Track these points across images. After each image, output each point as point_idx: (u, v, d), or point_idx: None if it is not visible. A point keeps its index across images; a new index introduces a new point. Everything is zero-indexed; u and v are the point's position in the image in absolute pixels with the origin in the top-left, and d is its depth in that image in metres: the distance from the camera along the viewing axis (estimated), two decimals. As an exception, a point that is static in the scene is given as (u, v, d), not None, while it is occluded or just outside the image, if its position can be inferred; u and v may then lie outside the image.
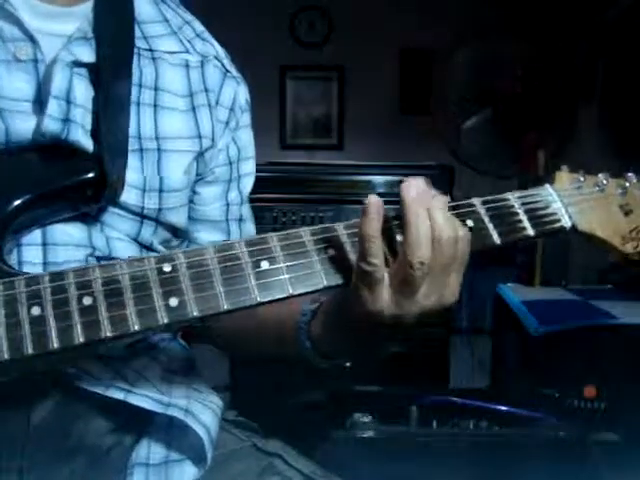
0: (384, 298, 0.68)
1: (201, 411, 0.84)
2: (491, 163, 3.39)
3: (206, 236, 0.95)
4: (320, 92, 3.88)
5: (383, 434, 1.41)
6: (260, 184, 1.01)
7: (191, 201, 0.93)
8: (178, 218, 0.89)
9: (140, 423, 0.83)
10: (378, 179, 2.50)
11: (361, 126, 3.80)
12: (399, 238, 0.69)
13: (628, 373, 1.55)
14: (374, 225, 0.66)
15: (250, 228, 1.01)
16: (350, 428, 1.40)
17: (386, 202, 0.68)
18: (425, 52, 3.78)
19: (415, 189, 0.68)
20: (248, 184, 0.99)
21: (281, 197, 2.47)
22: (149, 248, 0.88)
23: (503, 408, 1.49)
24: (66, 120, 0.77)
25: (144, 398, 0.81)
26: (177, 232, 0.92)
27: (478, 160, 3.40)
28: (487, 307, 2.12)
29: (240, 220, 0.99)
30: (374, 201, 0.67)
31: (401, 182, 0.70)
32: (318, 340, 0.78)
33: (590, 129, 3.32)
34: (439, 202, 0.68)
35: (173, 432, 0.83)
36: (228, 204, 0.97)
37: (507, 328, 1.91)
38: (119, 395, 0.80)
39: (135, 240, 0.86)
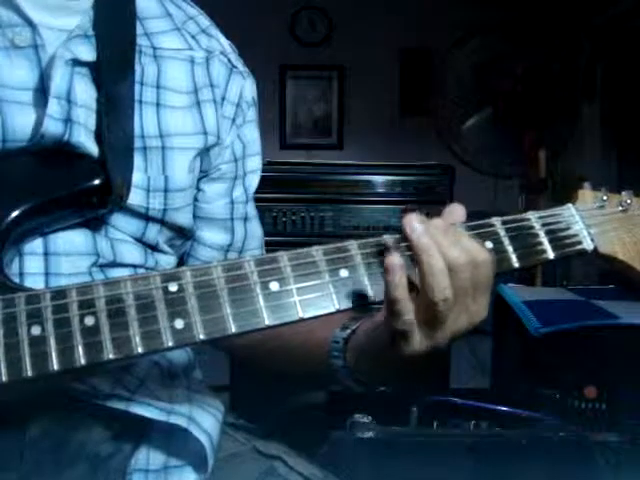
0: (417, 340, 0.67)
1: (203, 417, 0.83)
2: (491, 163, 3.39)
3: (210, 235, 0.94)
4: (320, 92, 3.88)
5: (383, 434, 1.40)
6: (260, 184, 1.00)
7: (195, 199, 0.91)
8: (184, 218, 0.88)
9: (140, 430, 0.82)
10: (378, 179, 2.50)
11: (361, 126, 3.79)
12: (414, 274, 0.67)
13: (629, 373, 1.55)
14: (402, 287, 0.65)
15: (255, 227, 1.00)
16: (350, 429, 1.40)
17: (386, 202, 0.67)
18: (425, 52, 3.78)
19: (418, 225, 0.66)
20: (253, 182, 0.97)
21: (281, 197, 2.47)
22: (154, 248, 0.87)
23: (503, 408, 1.48)
24: (67, 121, 0.75)
25: (146, 407, 0.80)
26: (183, 231, 0.90)
27: (478, 160, 3.40)
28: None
29: (245, 219, 0.97)
30: (397, 262, 0.64)
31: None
32: (354, 369, 0.77)
33: (591, 128, 3.31)
34: (447, 234, 0.67)
35: (174, 438, 0.82)
36: (233, 202, 0.95)
37: (507, 328, 1.91)
38: (120, 405, 0.78)
39: (140, 241, 0.84)
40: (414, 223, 0.66)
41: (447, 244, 0.66)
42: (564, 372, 1.59)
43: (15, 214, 0.71)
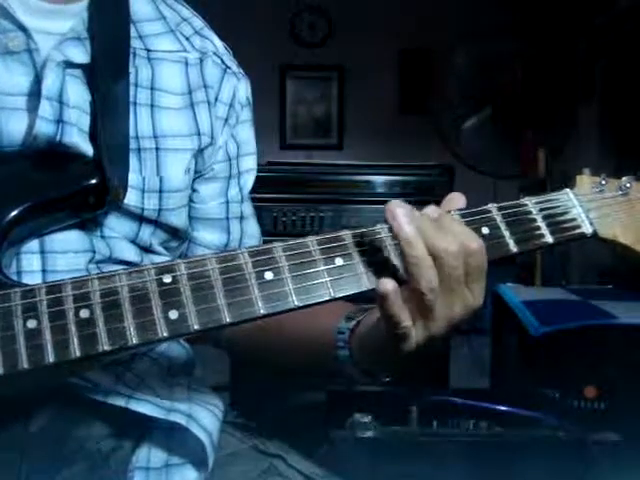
0: (414, 336, 0.67)
1: (203, 415, 0.83)
2: (491, 163, 3.39)
3: (205, 235, 0.94)
4: (320, 92, 3.88)
5: (383, 434, 1.40)
6: (260, 184, 1.00)
7: (190, 199, 0.91)
8: (179, 219, 0.88)
9: (141, 427, 0.82)
10: (378, 179, 2.50)
11: (361, 126, 3.80)
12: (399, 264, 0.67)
13: (628, 373, 1.55)
14: (396, 305, 0.65)
15: (252, 226, 1.00)
16: (350, 428, 1.40)
17: (386, 202, 0.67)
18: (425, 52, 3.78)
19: (401, 214, 0.65)
20: (249, 181, 0.97)
21: (281, 197, 2.47)
22: (148, 249, 0.87)
23: (503, 408, 1.49)
24: (59, 121, 0.75)
25: (146, 404, 0.80)
26: (177, 233, 0.90)
27: (478, 160, 3.40)
28: (487, 307, 2.12)
29: (241, 218, 0.97)
30: (390, 287, 0.64)
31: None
32: (359, 360, 0.76)
33: (590, 128, 3.31)
34: (436, 222, 0.66)
35: (174, 436, 0.82)
36: (228, 201, 0.95)
37: (507, 328, 1.91)
38: (120, 402, 0.79)
39: (133, 242, 0.84)
40: (396, 211, 0.66)
41: (434, 233, 0.65)
42: (564, 372, 1.60)
43: (12, 215, 0.71)
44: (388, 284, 0.64)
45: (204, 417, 0.83)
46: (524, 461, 1.39)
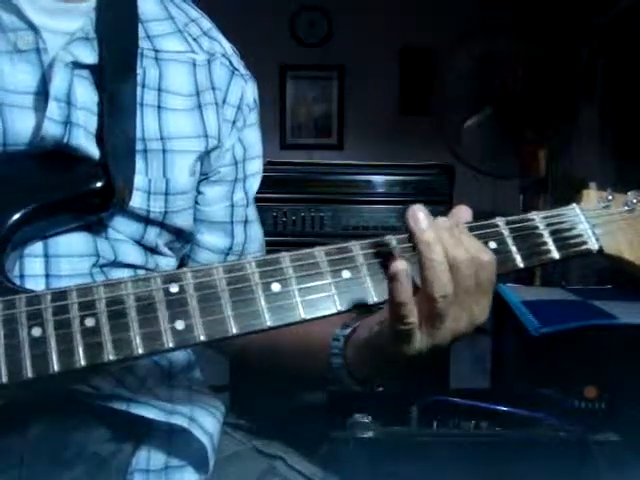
0: (418, 340, 0.67)
1: (204, 418, 0.83)
2: (492, 163, 3.38)
3: (209, 238, 0.94)
4: (320, 92, 3.88)
5: (383, 434, 1.40)
6: (260, 184, 1.00)
7: (196, 202, 0.91)
8: (184, 221, 0.88)
9: (141, 430, 0.82)
10: (378, 179, 2.50)
11: (361, 126, 3.79)
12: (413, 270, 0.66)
13: (628, 373, 1.55)
14: (406, 291, 0.64)
15: (256, 230, 1.00)
16: (350, 429, 1.40)
17: (386, 202, 0.67)
18: (425, 52, 3.78)
19: (423, 218, 0.66)
20: (254, 185, 0.97)
21: (281, 197, 2.47)
22: (153, 250, 0.87)
23: (503, 408, 1.48)
24: (67, 123, 0.75)
25: (147, 407, 0.80)
26: (183, 234, 0.90)
27: (478, 160, 3.40)
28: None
29: (245, 222, 0.97)
30: (402, 268, 0.64)
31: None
32: (353, 368, 0.76)
33: (591, 128, 3.31)
34: (450, 232, 0.67)
35: (175, 439, 0.82)
36: (233, 205, 0.95)
37: (507, 328, 1.91)
38: (121, 406, 0.78)
39: (139, 243, 0.84)
40: (419, 215, 0.66)
41: (450, 241, 0.66)
42: (564, 372, 1.59)
43: (16, 217, 0.71)
44: (399, 264, 0.63)
45: (205, 419, 0.83)
46: (524, 461, 1.39)
